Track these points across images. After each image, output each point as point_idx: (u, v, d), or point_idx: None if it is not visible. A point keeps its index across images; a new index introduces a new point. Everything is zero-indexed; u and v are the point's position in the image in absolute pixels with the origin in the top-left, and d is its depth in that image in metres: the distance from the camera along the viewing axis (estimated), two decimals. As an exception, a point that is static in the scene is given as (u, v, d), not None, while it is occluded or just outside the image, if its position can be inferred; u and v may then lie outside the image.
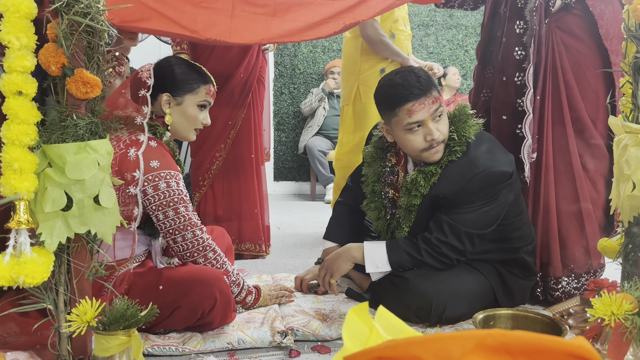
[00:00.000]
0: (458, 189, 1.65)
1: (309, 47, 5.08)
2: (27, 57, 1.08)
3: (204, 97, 1.68)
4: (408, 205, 1.74)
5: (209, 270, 1.62)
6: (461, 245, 1.68)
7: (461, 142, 1.68)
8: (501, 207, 1.70)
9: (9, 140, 1.08)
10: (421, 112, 1.63)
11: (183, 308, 1.53)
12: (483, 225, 1.69)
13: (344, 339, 0.62)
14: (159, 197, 1.52)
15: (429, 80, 1.66)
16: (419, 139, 1.65)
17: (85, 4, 1.10)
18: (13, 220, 1.09)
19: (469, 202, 1.66)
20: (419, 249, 1.70)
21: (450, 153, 1.68)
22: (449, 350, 0.52)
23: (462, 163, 1.66)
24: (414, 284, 1.67)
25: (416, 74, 1.67)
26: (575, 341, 0.53)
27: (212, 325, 1.61)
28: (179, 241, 1.56)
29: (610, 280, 1.46)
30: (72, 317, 1.13)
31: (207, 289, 1.54)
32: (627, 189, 1.32)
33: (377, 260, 1.73)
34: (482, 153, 1.66)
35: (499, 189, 1.67)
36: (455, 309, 1.69)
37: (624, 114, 1.38)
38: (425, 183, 1.69)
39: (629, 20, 1.35)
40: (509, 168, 1.68)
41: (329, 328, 1.64)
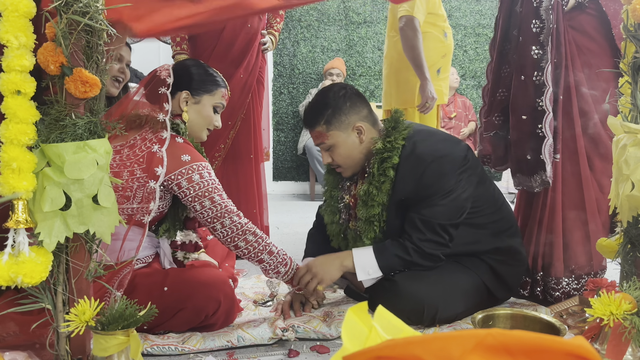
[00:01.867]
0: (415, 185, 1.66)
1: (308, 47, 5.08)
2: (26, 56, 1.08)
3: (220, 99, 1.72)
4: (368, 217, 1.73)
5: (214, 273, 1.64)
6: (440, 238, 1.68)
7: (387, 148, 1.70)
8: (467, 192, 1.70)
9: (7, 140, 1.08)
10: (313, 140, 1.78)
11: (187, 310, 1.55)
12: (454, 214, 1.69)
13: (343, 339, 0.62)
14: (194, 189, 1.53)
15: (316, 116, 1.72)
16: (324, 156, 1.78)
17: (84, 3, 1.10)
18: (11, 219, 1.09)
19: (431, 195, 1.67)
20: (407, 249, 1.69)
21: (382, 161, 1.70)
22: (448, 349, 0.52)
23: (411, 161, 1.68)
24: (404, 286, 1.66)
25: (312, 105, 1.75)
26: (574, 341, 0.53)
27: (214, 327, 1.61)
28: (218, 228, 1.57)
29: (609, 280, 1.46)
30: (70, 316, 1.13)
31: (212, 292, 1.56)
32: (626, 188, 1.32)
33: (367, 266, 1.71)
34: (427, 146, 1.69)
35: (456, 175, 1.67)
36: (448, 309, 1.68)
37: (623, 114, 1.38)
38: (378, 192, 1.69)
39: (627, 20, 1.35)
40: (460, 152, 1.70)
41: (330, 326, 1.64)
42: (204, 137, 1.73)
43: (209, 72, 1.72)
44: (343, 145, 1.73)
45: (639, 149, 1.30)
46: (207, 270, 1.65)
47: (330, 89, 1.76)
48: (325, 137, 1.73)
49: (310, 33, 5.08)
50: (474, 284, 1.75)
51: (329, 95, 1.73)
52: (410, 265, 1.71)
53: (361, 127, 1.73)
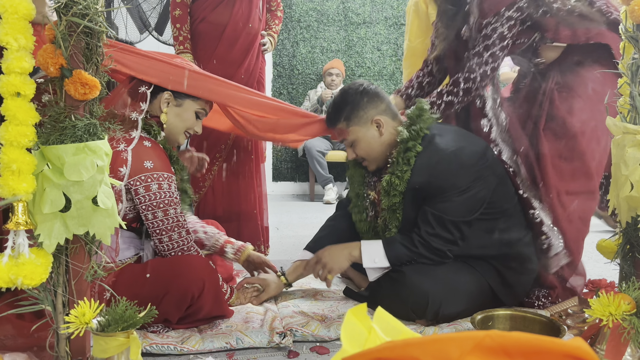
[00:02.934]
0: (429, 176, 1.67)
1: (307, 47, 5.09)
2: (26, 59, 1.08)
3: (203, 105, 1.72)
4: (390, 206, 1.76)
5: (194, 256, 1.65)
6: (450, 234, 1.69)
7: (414, 136, 1.72)
8: (483, 191, 1.69)
9: (7, 142, 1.08)
10: (337, 137, 1.86)
11: (172, 293, 1.55)
12: (467, 212, 1.69)
13: (342, 340, 0.62)
14: (149, 198, 1.54)
15: (336, 114, 1.79)
16: (348, 152, 1.84)
17: (83, 5, 1.10)
18: (11, 221, 1.09)
19: (446, 190, 1.67)
20: (413, 241, 1.71)
21: (406, 150, 1.72)
22: (447, 351, 0.52)
23: (429, 152, 1.69)
24: (411, 278, 1.68)
25: (332, 104, 1.81)
26: (573, 342, 0.53)
27: (203, 312, 1.61)
28: (164, 241, 1.59)
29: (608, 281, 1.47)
30: (70, 318, 1.13)
31: (193, 272, 1.57)
32: (625, 189, 1.32)
33: (374, 255, 1.74)
34: (446, 140, 1.71)
35: (473, 172, 1.67)
36: (451, 306, 1.69)
37: (622, 114, 1.38)
38: (400, 181, 1.71)
39: (626, 21, 1.36)
40: (477, 148, 1.70)
41: (328, 328, 1.64)
42: (182, 141, 1.73)
43: None
44: (364, 139, 1.78)
45: (637, 149, 1.31)
46: (187, 255, 1.66)
47: (349, 87, 1.81)
48: (346, 133, 1.79)
49: (310, 34, 5.08)
50: (479, 285, 1.76)
51: (348, 93, 1.79)
52: (416, 258, 1.72)
53: (380, 120, 1.77)
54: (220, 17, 2.45)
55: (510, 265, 1.79)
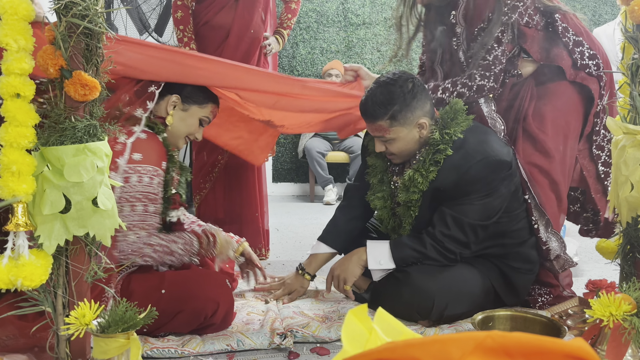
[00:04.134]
0: (457, 179, 1.65)
1: (307, 48, 5.09)
2: (25, 60, 1.08)
3: (208, 114, 1.73)
4: (406, 201, 1.75)
5: (212, 274, 1.64)
6: (465, 237, 1.68)
7: (445, 140, 1.68)
8: (503, 197, 1.69)
9: (7, 143, 1.08)
10: (370, 131, 1.75)
11: (186, 312, 1.54)
12: (486, 216, 1.69)
13: (343, 341, 0.62)
14: (124, 190, 1.50)
15: (381, 110, 1.65)
16: (378, 145, 1.75)
17: (83, 6, 1.10)
18: (11, 222, 1.09)
19: (470, 193, 1.66)
20: (424, 242, 1.70)
21: (436, 152, 1.69)
22: (448, 352, 0.52)
23: (459, 154, 1.67)
24: (417, 279, 1.67)
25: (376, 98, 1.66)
26: (574, 342, 0.53)
27: (212, 328, 1.61)
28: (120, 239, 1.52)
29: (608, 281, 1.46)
30: (70, 319, 1.13)
31: (210, 293, 1.56)
32: (625, 189, 1.32)
33: (379, 256, 1.73)
34: (478, 144, 1.68)
35: (499, 179, 1.67)
36: (456, 307, 1.69)
37: (622, 115, 1.38)
38: (423, 179, 1.69)
39: (626, 21, 1.36)
40: (507, 157, 1.68)
41: (329, 330, 1.64)
42: (181, 145, 1.72)
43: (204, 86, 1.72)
44: (403, 140, 1.70)
45: (638, 150, 1.31)
46: (204, 272, 1.65)
47: (395, 82, 1.67)
48: (386, 131, 1.68)
49: (310, 35, 5.09)
50: (483, 286, 1.76)
51: (395, 91, 1.65)
52: (423, 259, 1.71)
53: (425, 123, 1.69)
54: (223, 21, 2.45)
55: (513, 265, 1.80)
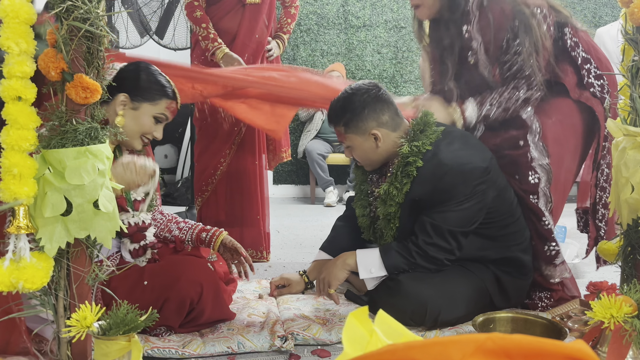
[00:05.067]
0: (432, 189, 1.66)
1: (307, 50, 5.09)
2: (27, 63, 1.08)
3: (163, 110, 1.62)
4: (386, 215, 1.76)
5: (191, 259, 1.63)
6: (447, 244, 1.68)
7: (413, 152, 1.69)
8: (482, 203, 1.69)
9: (8, 146, 1.08)
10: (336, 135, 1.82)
11: (171, 300, 1.54)
12: (465, 222, 1.69)
13: (343, 343, 0.62)
14: None
15: (337, 116, 1.75)
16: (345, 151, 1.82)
17: (84, 9, 1.10)
18: (13, 225, 1.09)
19: (447, 201, 1.67)
20: (410, 251, 1.70)
21: (406, 165, 1.70)
22: (448, 354, 0.52)
23: (433, 164, 1.67)
24: (409, 286, 1.67)
25: (335, 103, 1.76)
26: (574, 344, 0.53)
27: (205, 317, 1.60)
28: None
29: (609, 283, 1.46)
30: (72, 322, 1.13)
31: (190, 276, 1.56)
32: (626, 191, 1.33)
33: (370, 265, 1.72)
34: (452, 151, 1.68)
35: (475, 185, 1.67)
36: (450, 312, 1.69)
37: (622, 116, 1.38)
38: (398, 192, 1.71)
39: (626, 23, 1.36)
40: (482, 163, 1.69)
41: (329, 332, 1.64)
42: (138, 146, 1.64)
43: (158, 80, 1.62)
44: (360, 148, 1.76)
45: (638, 151, 1.31)
46: (183, 258, 1.64)
47: (355, 91, 1.74)
48: (343, 137, 1.78)
49: (310, 37, 5.09)
50: (478, 289, 1.75)
51: (351, 99, 1.73)
52: (413, 267, 1.72)
53: (377, 134, 1.72)
54: (228, 26, 2.46)
55: (507, 269, 1.79)
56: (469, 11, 1.83)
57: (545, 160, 1.83)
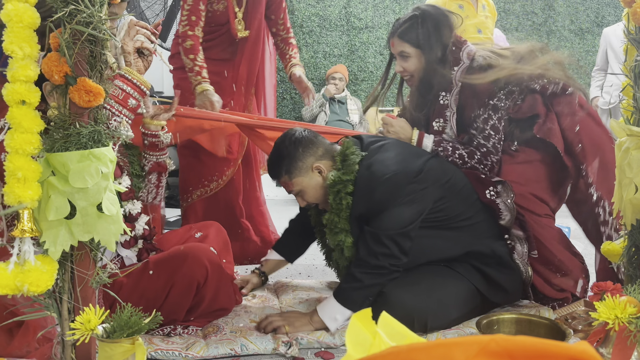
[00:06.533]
0: (368, 201, 1.68)
1: (310, 52, 5.10)
2: (30, 67, 1.09)
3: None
4: (336, 244, 1.75)
5: (191, 244, 1.65)
6: (386, 249, 1.65)
7: (339, 181, 1.70)
8: (420, 204, 1.69)
9: (12, 149, 1.08)
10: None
11: (177, 285, 1.55)
12: (401, 224, 1.67)
13: (347, 345, 0.62)
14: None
15: (277, 169, 1.77)
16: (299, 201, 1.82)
17: (87, 13, 1.11)
18: (17, 228, 1.10)
19: (384, 210, 1.67)
20: (354, 277, 1.67)
21: (337, 192, 1.71)
22: (452, 356, 0.52)
23: (364, 180, 1.69)
24: (392, 296, 1.65)
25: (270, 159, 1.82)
26: (578, 345, 0.53)
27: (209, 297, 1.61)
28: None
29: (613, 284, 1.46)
30: (76, 324, 1.13)
31: (195, 259, 1.57)
32: (629, 192, 1.32)
33: (333, 313, 1.67)
34: (381, 162, 1.70)
35: (407, 187, 1.67)
36: (439, 317, 1.68)
37: (626, 117, 1.38)
38: (340, 218, 1.71)
39: (629, 23, 1.36)
40: (412, 167, 1.70)
41: (333, 335, 1.64)
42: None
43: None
44: (309, 187, 1.76)
45: (641, 152, 1.30)
46: (186, 245, 1.65)
47: (282, 139, 1.79)
48: (291, 185, 1.77)
49: (312, 39, 5.10)
50: (466, 290, 1.74)
51: (282, 146, 1.77)
52: (370, 290, 1.67)
53: (320, 166, 1.75)
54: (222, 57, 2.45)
55: (489, 262, 1.79)
56: (451, 81, 1.89)
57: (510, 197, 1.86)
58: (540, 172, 1.95)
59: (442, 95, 1.91)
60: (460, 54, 1.90)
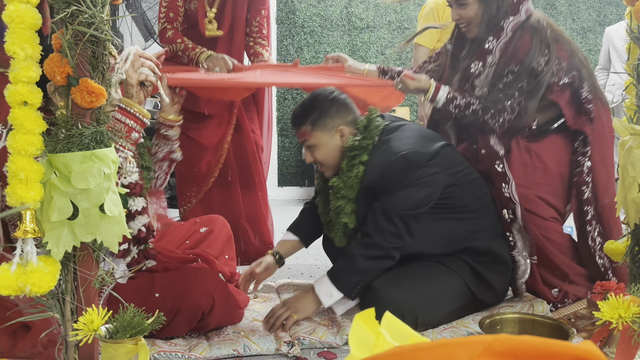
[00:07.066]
0: (379, 177, 1.69)
1: (311, 52, 5.10)
2: (32, 68, 1.09)
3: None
4: (335, 208, 1.77)
5: (201, 270, 1.64)
6: (395, 228, 1.66)
7: (357, 146, 1.73)
8: (431, 188, 1.70)
9: (15, 150, 1.08)
10: (298, 138, 1.85)
11: (183, 312, 1.54)
12: (413, 205, 1.68)
13: (350, 346, 0.62)
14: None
15: (303, 117, 1.78)
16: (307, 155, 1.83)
17: (89, 14, 1.11)
18: (19, 229, 1.10)
19: (394, 187, 1.68)
20: (352, 258, 1.67)
21: (352, 158, 1.72)
22: (456, 355, 0.52)
23: (381, 152, 1.71)
24: (382, 292, 1.65)
25: (300, 106, 1.82)
26: (582, 345, 0.53)
27: (213, 324, 1.61)
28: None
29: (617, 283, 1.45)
30: (79, 325, 1.13)
31: (202, 288, 1.56)
32: (632, 191, 1.32)
33: (329, 289, 1.68)
34: (399, 140, 1.73)
35: (422, 170, 1.68)
36: (429, 313, 1.68)
37: (629, 115, 1.38)
38: (344, 185, 1.73)
39: (631, 22, 1.35)
40: (427, 150, 1.71)
41: (335, 335, 1.64)
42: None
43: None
44: (325, 145, 1.78)
45: (644, 150, 1.30)
46: (194, 268, 1.65)
47: (320, 92, 1.82)
48: (309, 136, 1.78)
49: (314, 39, 5.10)
50: (456, 286, 1.74)
51: (318, 98, 1.79)
52: (360, 275, 1.67)
53: (344, 130, 1.77)
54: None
55: (482, 260, 1.78)
56: (503, 29, 1.86)
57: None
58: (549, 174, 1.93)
59: (489, 40, 1.88)
60: (520, 7, 1.87)
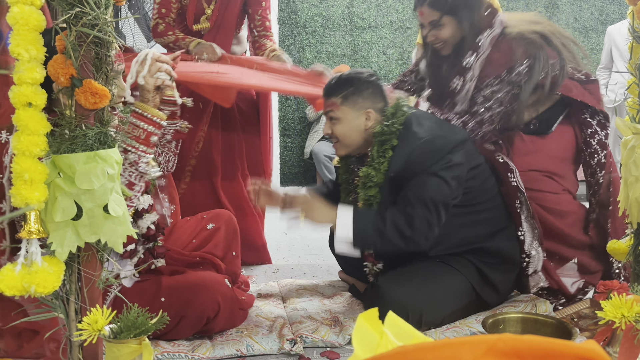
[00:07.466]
0: (405, 162, 1.68)
1: (313, 52, 5.10)
2: (37, 69, 1.09)
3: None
4: (366, 199, 1.75)
5: (208, 275, 1.63)
6: (429, 212, 1.64)
7: (387, 131, 1.73)
8: (458, 177, 1.69)
9: (19, 151, 1.09)
10: (324, 107, 1.82)
11: (188, 317, 1.55)
12: (444, 192, 1.66)
13: (354, 345, 0.62)
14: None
15: (337, 88, 1.78)
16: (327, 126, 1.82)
17: (93, 15, 1.11)
18: (24, 230, 1.10)
19: (421, 172, 1.66)
20: (385, 219, 1.64)
21: (382, 143, 1.73)
22: (459, 355, 0.52)
23: (405, 141, 1.71)
24: (386, 291, 1.65)
25: (338, 78, 1.82)
26: (586, 345, 0.53)
27: (218, 329, 1.61)
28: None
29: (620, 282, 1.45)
30: (83, 325, 1.14)
31: (209, 294, 1.56)
32: (636, 190, 1.32)
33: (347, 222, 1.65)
34: (423, 126, 1.73)
35: (448, 156, 1.67)
36: (433, 313, 1.68)
37: (631, 115, 1.38)
38: (377, 173, 1.72)
39: (633, 21, 1.35)
40: (453, 137, 1.71)
41: (338, 334, 1.64)
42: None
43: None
44: (348, 123, 1.77)
45: (647, 150, 1.30)
46: (200, 274, 1.65)
47: (361, 71, 1.83)
48: (336, 107, 1.76)
49: (315, 39, 5.10)
50: (460, 286, 1.74)
51: (356, 77, 1.79)
52: (380, 241, 1.64)
53: (371, 113, 1.76)
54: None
55: (488, 261, 1.78)
56: (480, 44, 1.87)
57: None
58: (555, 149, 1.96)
59: (467, 56, 1.89)
60: (494, 20, 1.88)
